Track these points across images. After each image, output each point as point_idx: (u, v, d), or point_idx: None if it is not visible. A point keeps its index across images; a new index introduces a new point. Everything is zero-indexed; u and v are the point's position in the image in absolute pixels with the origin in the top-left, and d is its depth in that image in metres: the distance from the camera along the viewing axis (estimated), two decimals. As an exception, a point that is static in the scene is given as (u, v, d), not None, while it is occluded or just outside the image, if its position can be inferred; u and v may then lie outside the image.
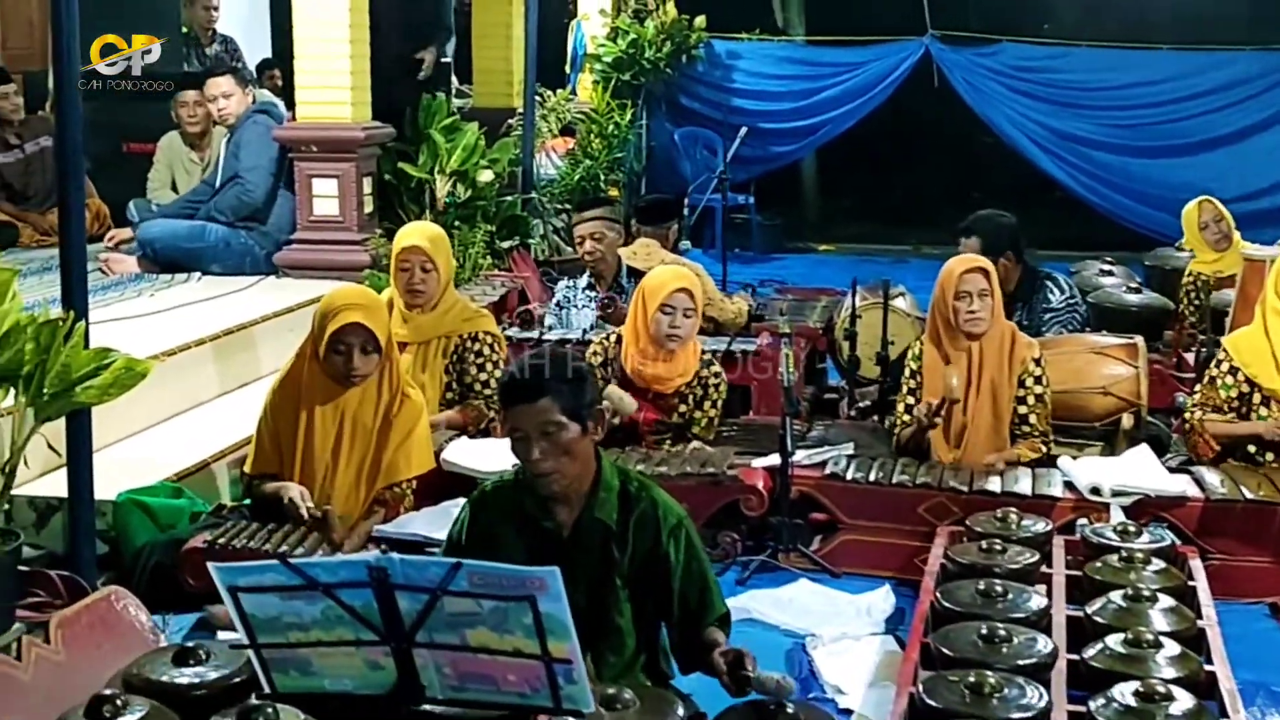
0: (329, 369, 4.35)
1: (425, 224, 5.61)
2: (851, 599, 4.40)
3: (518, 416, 3.19)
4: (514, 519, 3.32)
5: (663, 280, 5.06)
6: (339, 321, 4.30)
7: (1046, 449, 4.94)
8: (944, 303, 4.96)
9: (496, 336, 5.37)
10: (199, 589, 4.11)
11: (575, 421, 3.19)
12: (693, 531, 3.32)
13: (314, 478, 4.40)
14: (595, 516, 3.25)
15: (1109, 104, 12.07)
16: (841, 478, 4.71)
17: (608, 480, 3.30)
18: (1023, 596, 3.65)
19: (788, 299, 7.11)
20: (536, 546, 3.26)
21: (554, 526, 3.27)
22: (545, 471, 3.19)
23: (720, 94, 12.57)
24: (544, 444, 3.16)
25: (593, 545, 3.26)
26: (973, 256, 5.11)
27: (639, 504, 3.28)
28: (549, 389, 3.17)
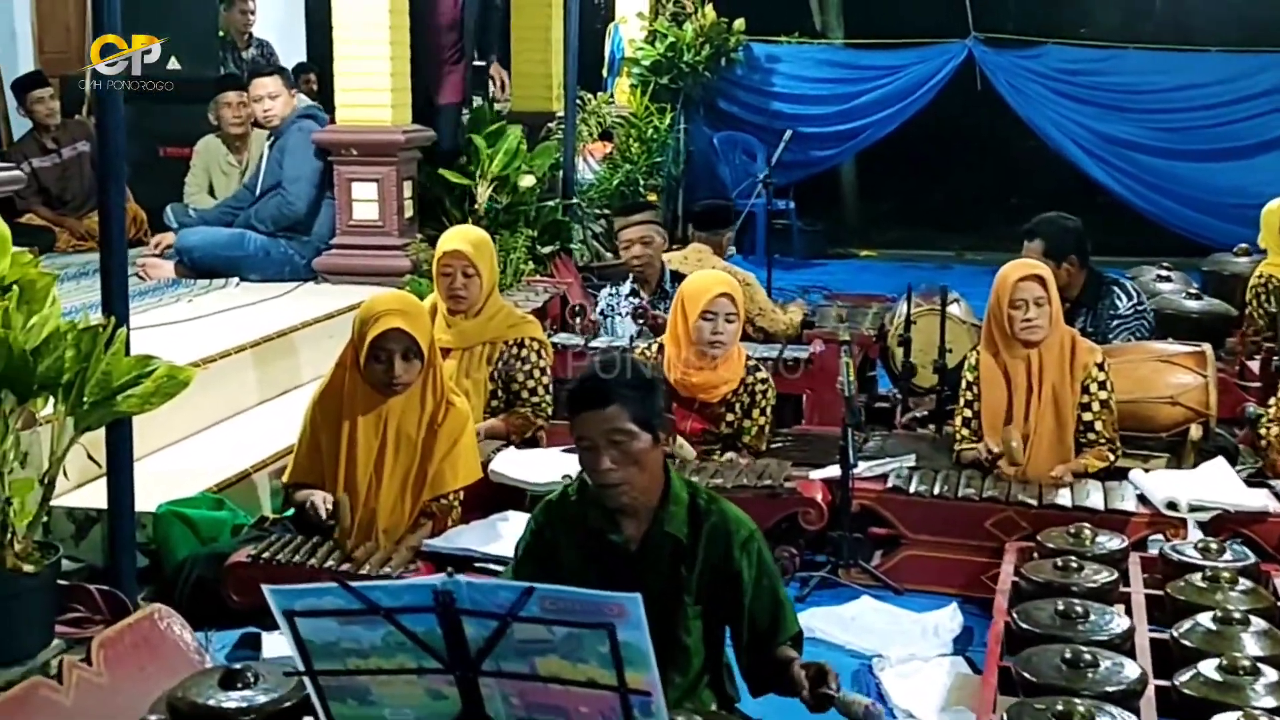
0: (370, 377, 4.22)
1: (468, 228, 5.47)
2: (917, 618, 4.24)
3: (585, 424, 3.05)
4: (578, 533, 3.19)
5: (703, 285, 4.90)
6: (379, 328, 4.16)
7: (1115, 457, 4.76)
8: (999, 310, 4.79)
9: (543, 343, 5.23)
10: (243, 605, 4.01)
11: (645, 430, 3.05)
12: (764, 546, 3.18)
13: (357, 490, 4.26)
14: (664, 531, 3.12)
15: (1155, 107, 11.87)
16: (905, 491, 4.54)
17: (677, 493, 3.16)
18: (1105, 618, 3.47)
19: (837, 305, 6.94)
20: (602, 562, 3.15)
21: (621, 541, 3.14)
22: (614, 483, 3.06)
23: (759, 98, 12.41)
24: (613, 453, 3.03)
25: (661, 561, 3.13)
26: (1028, 263, 4.93)
27: (709, 518, 3.14)
28: (618, 396, 3.04)
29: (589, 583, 3.19)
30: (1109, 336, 5.56)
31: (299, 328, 6.10)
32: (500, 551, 4.01)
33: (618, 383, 3.07)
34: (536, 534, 3.27)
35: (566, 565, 3.21)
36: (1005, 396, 4.80)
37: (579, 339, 5.98)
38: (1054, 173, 14.24)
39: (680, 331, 4.87)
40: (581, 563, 3.17)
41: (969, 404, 4.91)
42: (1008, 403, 4.80)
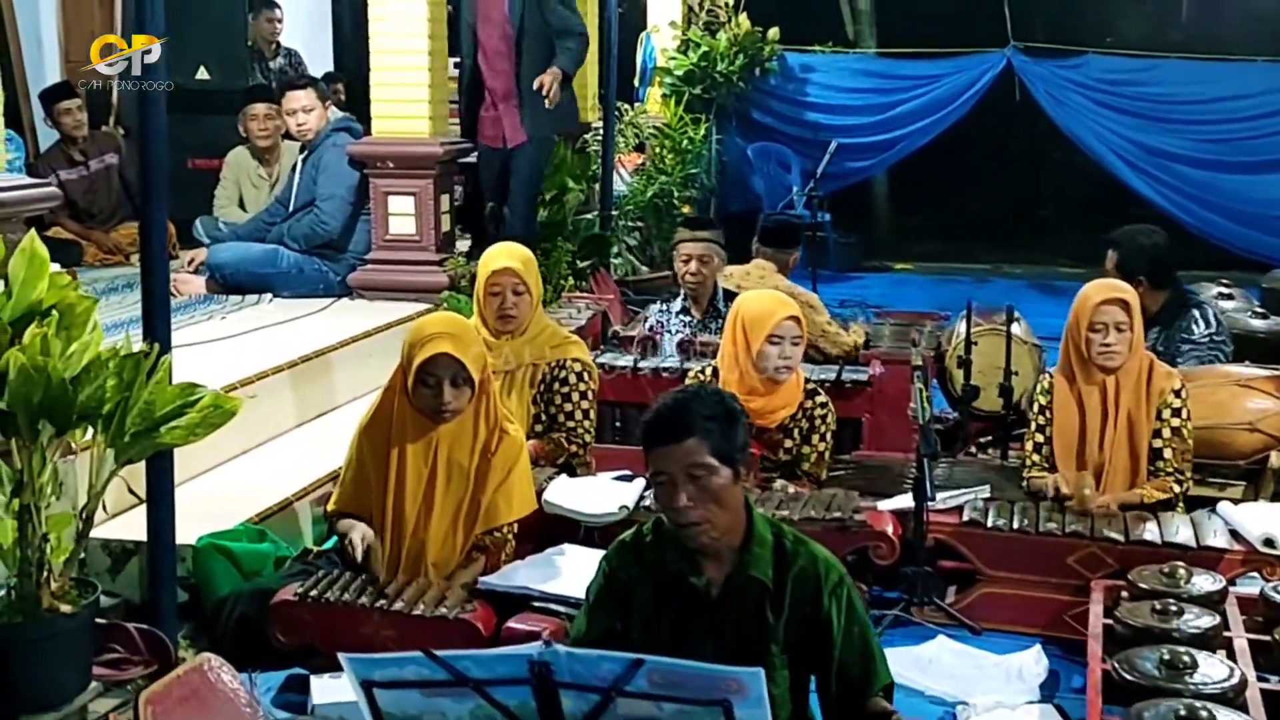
0: (419, 403, 4.01)
1: (513, 245, 5.26)
2: (999, 660, 4.01)
3: (662, 458, 2.88)
4: (654, 576, 3.01)
5: (767, 308, 4.68)
6: (426, 352, 3.95)
7: (1181, 490, 4.52)
8: (1078, 332, 4.57)
9: (586, 365, 5.01)
10: (290, 645, 3.82)
11: (726, 465, 2.88)
12: (854, 591, 3.00)
13: (405, 522, 4.05)
14: (749, 574, 2.93)
15: (1199, 118, 11.64)
16: (982, 524, 4.31)
17: (760, 533, 2.97)
18: (1215, 669, 3.26)
19: (890, 323, 6.71)
20: (682, 608, 2.97)
21: (702, 585, 2.95)
22: (692, 521, 2.88)
23: (794, 108, 12.20)
24: (691, 489, 2.86)
25: (745, 606, 2.94)
26: (1113, 284, 4.70)
27: (796, 560, 2.96)
28: (697, 428, 2.86)
29: (665, 629, 3.00)
30: (1176, 360, 5.33)
31: (335, 347, 5.90)
32: (561, 590, 3.80)
33: (697, 413, 2.89)
34: (609, 577, 3.08)
35: (641, 610, 3.02)
36: (1078, 423, 4.58)
37: (628, 358, 5.76)
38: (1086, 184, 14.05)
39: (740, 354, 4.66)
40: (658, 608, 2.99)
41: (1040, 429, 4.68)
42: (1080, 430, 4.58)
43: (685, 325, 6.04)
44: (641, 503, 4.47)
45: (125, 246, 7.93)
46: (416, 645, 3.73)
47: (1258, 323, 6.55)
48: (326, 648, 3.75)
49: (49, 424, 3.37)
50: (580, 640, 3.09)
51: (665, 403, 2.97)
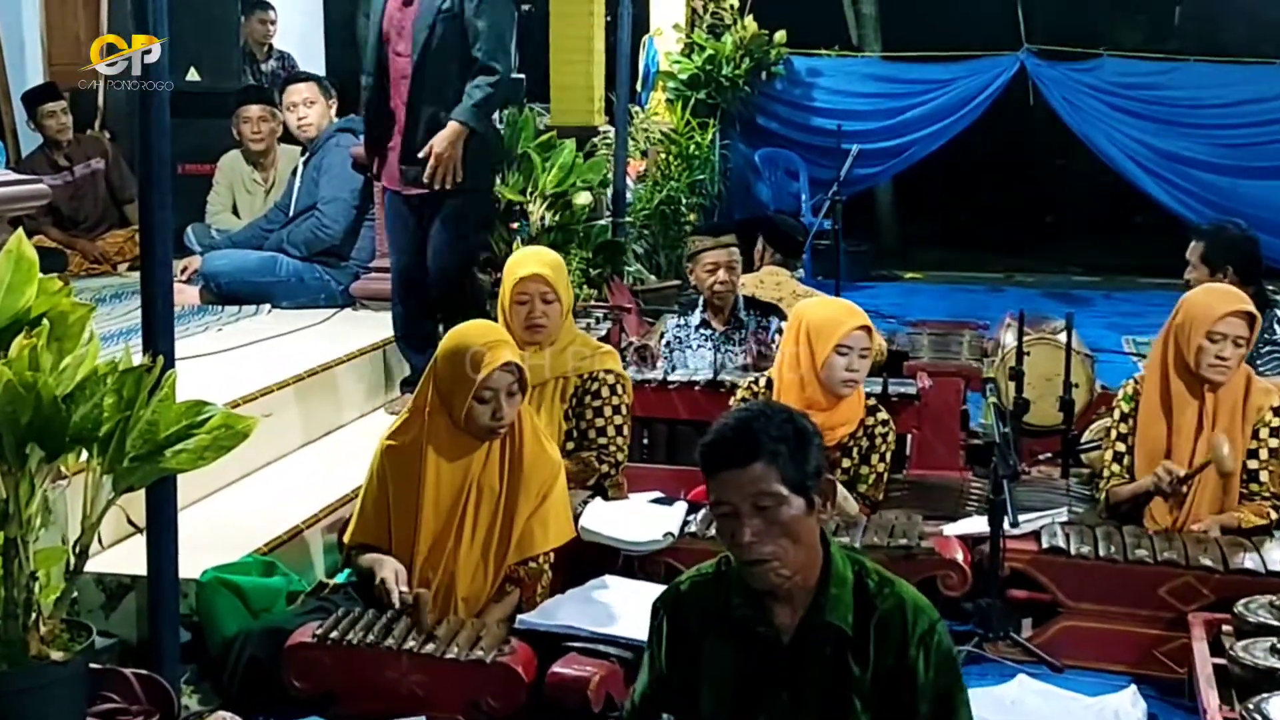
0: (473, 421, 3.63)
1: (541, 250, 4.87)
2: (1090, 703, 3.64)
3: (724, 486, 2.53)
4: (718, 623, 2.65)
5: (835, 316, 4.32)
6: (493, 363, 3.58)
7: (1275, 515, 4.16)
8: (1187, 338, 4.19)
9: (620, 377, 4.62)
10: (306, 692, 3.42)
11: (798, 494, 2.52)
12: (946, 640, 2.62)
13: (433, 554, 3.67)
14: (826, 620, 2.56)
15: (1217, 122, 11.34)
16: (1065, 551, 3.94)
17: (839, 572, 2.61)
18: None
19: (926, 333, 6.35)
20: (750, 659, 2.60)
21: (771, 633, 2.58)
22: (760, 558, 2.52)
23: (800, 113, 11.84)
24: (757, 522, 2.51)
25: (822, 656, 2.58)
26: (1238, 294, 4.31)
27: (881, 603, 2.59)
28: (764, 451, 2.51)
29: (734, 683, 2.63)
30: (1256, 363, 4.99)
31: (342, 361, 5.51)
32: (609, 630, 3.43)
33: (764, 434, 2.53)
34: (672, 623, 2.72)
35: (708, 662, 2.67)
36: (1166, 435, 4.22)
37: (655, 373, 5.38)
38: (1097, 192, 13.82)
39: (803, 365, 4.29)
40: (726, 659, 2.63)
41: (1122, 438, 4.32)
42: (1167, 442, 4.22)
43: (707, 339, 5.67)
44: (686, 529, 4.10)
45: (112, 255, 7.55)
46: (449, 691, 3.39)
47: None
48: (348, 695, 3.39)
49: (38, 448, 2.99)
50: (648, 695, 2.74)
51: (727, 422, 2.61)
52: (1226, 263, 5.08)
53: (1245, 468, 4.19)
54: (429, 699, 3.33)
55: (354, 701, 3.37)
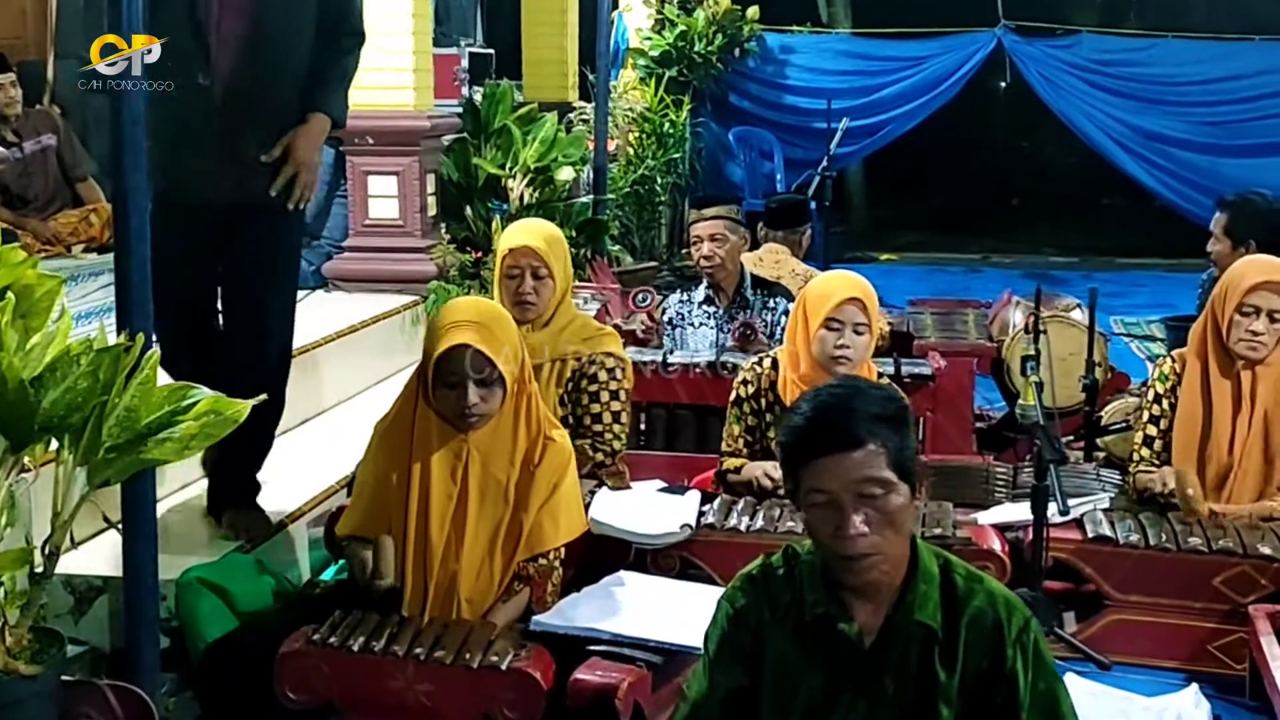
0: (441, 406, 3.32)
1: (536, 221, 4.56)
2: (1148, 703, 3.40)
3: (823, 473, 2.26)
4: (789, 622, 2.38)
5: (828, 288, 4.03)
6: (445, 343, 3.26)
7: None
8: (1222, 312, 3.96)
9: (620, 360, 4.31)
10: (302, 704, 3.11)
11: (904, 480, 2.27)
12: (1041, 638, 2.36)
13: (433, 550, 3.36)
14: (914, 619, 2.31)
15: (1196, 99, 11.23)
16: (1112, 540, 3.69)
17: (926, 567, 2.36)
18: None
19: (929, 312, 6.09)
20: (827, 661, 2.35)
21: (853, 632, 2.33)
22: (864, 551, 2.26)
23: (774, 91, 11.62)
24: (866, 512, 2.24)
25: (907, 658, 2.33)
26: (1274, 265, 4.08)
27: (971, 600, 2.34)
28: (871, 432, 2.25)
29: (807, 687, 2.36)
30: (1276, 339, 4.78)
31: (320, 344, 5.20)
32: (636, 632, 3.13)
33: (867, 414, 2.26)
34: (735, 622, 2.45)
35: (777, 664, 2.40)
36: (1203, 416, 3.98)
37: (654, 353, 5.10)
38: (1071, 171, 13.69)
39: (799, 341, 4.01)
40: (799, 661, 2.37)
41: (1154, 420, 4.08)
42: (1204, 424, 3.98)
43: (710, 317, 5.39)
44: (702, 520, 3.82)
45: (65, 236, 7.12)
46: (460, 701, 3.09)
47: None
48: (348, 706, 3.09)
49: (3, 437, 2.68)
50: (703, 703, 2.45)
51: (824, 400, 2.32)
52: (1250, 235, 4.88)
53: None
54: (438, 710, 3.03)
55: (355, 713, 3.08)
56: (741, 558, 3.66)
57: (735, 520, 3.78)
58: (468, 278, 6.21)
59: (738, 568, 3.67)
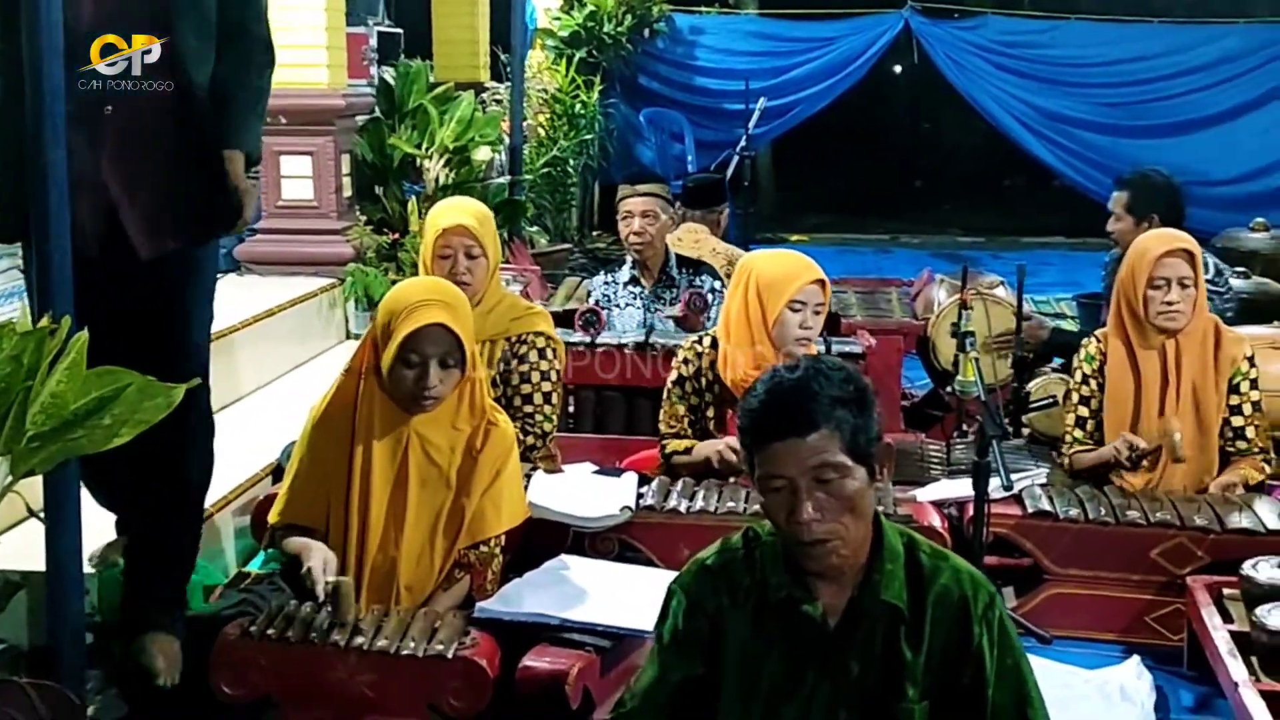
0: (396, 388, 3.23)
1: (466, 200, 4.46)
2: (1090, 676, 3.41)
3: (777, 458, 2.21)
4: (753, 606, 2.33)
5: (788, 269, 3.99)
6: (416, 322, 3.17)
7: (1270, 469, 4.00)
8: (1134, 289, 4.00)
9: (550, 339, 4.24)
10: (238, 698, 3.01)
11: (861, 464, 2.22)
12: (1007, 615, 2.33)
13: (371, 536, 3.27)
14: (879, 599, 2.27)
15: (1098, 81, 11.42)
16: (1052, 515, 3.70)
17: (891, 546, 2.31)
18: None
19: (852, 291, 6.10)
20: (789, 645, 2.30)
21: (817, 614, 2.28)
22: (820, 537, 2.21)
23: (683, 73, 11.59)
24: (820, 497, 2.19)
25: (872, 639, 2.28)
26: (1174, 234, 4.13)
27: (936, 578, 2.30)
28: (826, 416, 2.19)
29: (770, 672, 2.31)
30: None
31: (237, 329, 5.04)
32: (582, 617, 3.07)
33: (825, 396, 2.21)
34: (691, 610, 2.38)
35: (737, 650, 2.34)
36: (1134, 393, 4.01)
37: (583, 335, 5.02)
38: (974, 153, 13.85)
39: (753, 323, 3.96)
40: (762, 645, 2.32)
41: (1084, 400, 4.10)
42: (1135, 400, 4.01)
43: (636, 297, 5.33)
44: (641, 502, 3.76)
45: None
46: (404, 691, 3.00)
47: (1238, 282, 6.09)
48: (287, 700, 3.00)
49: (-81, 426, 2.54)
50: (653, 692, 2.39)
51: (778, 382, 2.26)
52: (1152, 210, 4.93)
53: (1230, 424, 4.01)
54: (382, 701, 2.94)
55: (295, 707, 2.98)
56: (681, 539, 3.67)
57: (675, 502, 3.73)
58: (385, 260, 6.09)
59: (678, 549, 3.68)
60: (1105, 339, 4.11)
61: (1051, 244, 11.78)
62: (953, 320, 5.09)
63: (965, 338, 3.88)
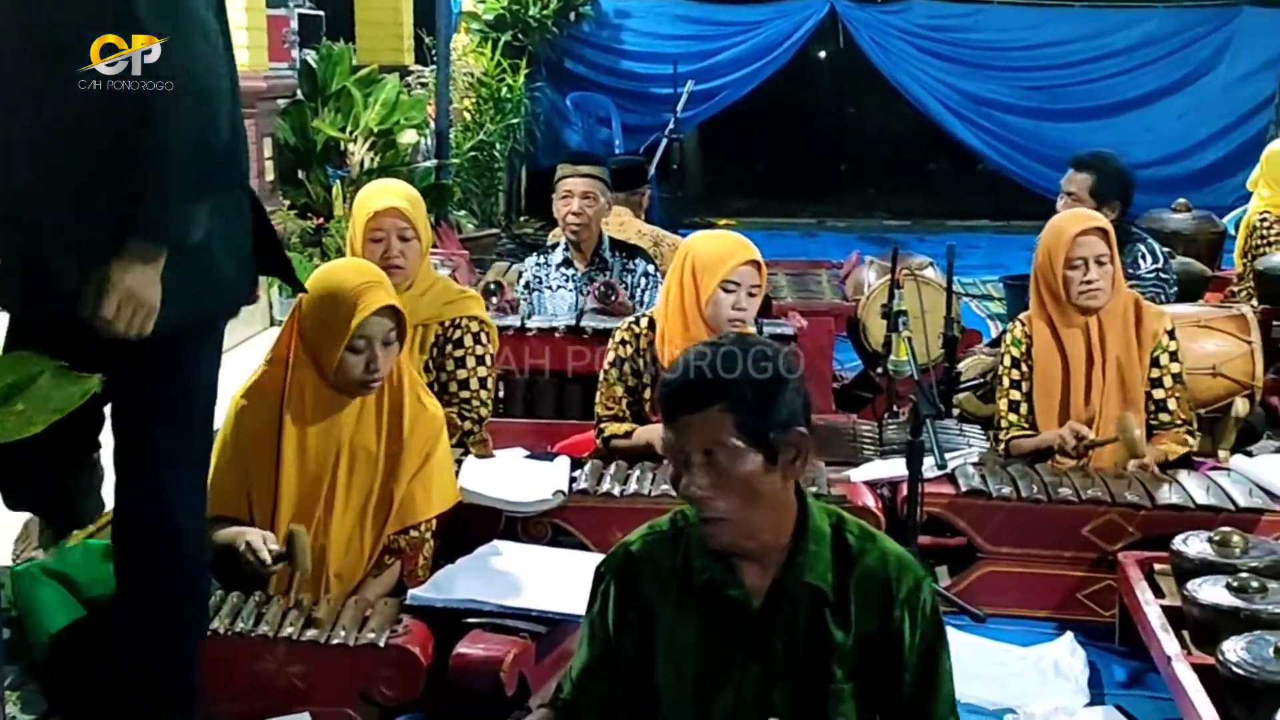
0: (343, 374, 3.17)
1: (395, 182, 4.39)
2: (1025, 653, 3.42)
3: (678, 430, 2.22)
4: (677, 587, 2.31)
5: (721, 250, 3.97)
6: (367, 309, 3.12)
7: (1194, 442, 4.04)
8: (1051, 270, 4.02)
9: (484, 324, 4.18)
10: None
11: (755, 448, 2.18)
12: (933, 599, 2.32)
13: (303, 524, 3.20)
14: (802, 580, 2.25)
15: (1021, 65, 11.56)
16: (986, 494, 3.70)
17: (817, 527, 2.29)
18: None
19: (782, 273, 6.09)
20: (715, 626, 2.28)
21: (741, 595, 2.26)
22: (710, 515, 2.21)
23: (610, 56, 11.54)
24: (705, 472, 2.19)
25: (797, 621, 2.27)
26: (1087, 214, 4.16)
27: (862, 558, 2.28)
28: (723, 393, 2.18)
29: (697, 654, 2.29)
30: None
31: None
32: (517, 602, 3.03)
33: (729, 374, 2.19)
34: (621, 588, 2.36)
35: (665, 631, 2.31)
36: (1061, 374, 4.03)
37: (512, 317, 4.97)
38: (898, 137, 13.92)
39: (687, 303, 3.93)
40: (689, 627, 2.29)
41: (1015, 384, 4.11)
42: (1064, 381, 4.03)
43: (568, 279, 5.28)
44: (574, 486, 3.72)
45: None
46: (335, 681, 2.94)
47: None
48: (215, 693, 2.90)
49: None
50: (587, 677, 2.37)
51: (689, 359, 2.25)
52: (1115, 196, 4.89)
53: (1151, 398, 4.04)
54: (312, 691, 2.89)
55: (223, 700, 2.90)
56: (615, 523, 3.63)
57: (608, 485, 3.70)
58: (309, 245, 5.99)
59: (611, 533, 3.64)
60: (1030, 322, 4.12)
61: (977, 227, 11.86)
62: (883, 302, 5.09)
63: (898, 317, 3.88)
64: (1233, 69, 11.23)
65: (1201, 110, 11.26)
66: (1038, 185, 11.26)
